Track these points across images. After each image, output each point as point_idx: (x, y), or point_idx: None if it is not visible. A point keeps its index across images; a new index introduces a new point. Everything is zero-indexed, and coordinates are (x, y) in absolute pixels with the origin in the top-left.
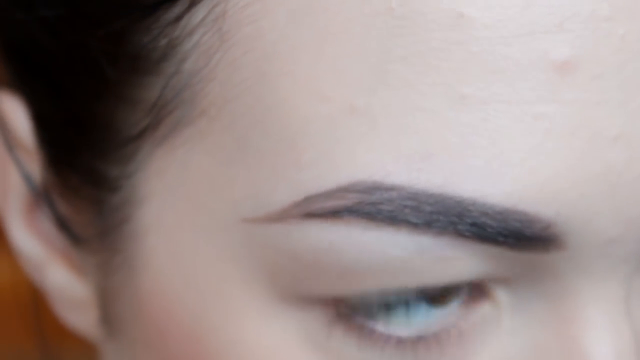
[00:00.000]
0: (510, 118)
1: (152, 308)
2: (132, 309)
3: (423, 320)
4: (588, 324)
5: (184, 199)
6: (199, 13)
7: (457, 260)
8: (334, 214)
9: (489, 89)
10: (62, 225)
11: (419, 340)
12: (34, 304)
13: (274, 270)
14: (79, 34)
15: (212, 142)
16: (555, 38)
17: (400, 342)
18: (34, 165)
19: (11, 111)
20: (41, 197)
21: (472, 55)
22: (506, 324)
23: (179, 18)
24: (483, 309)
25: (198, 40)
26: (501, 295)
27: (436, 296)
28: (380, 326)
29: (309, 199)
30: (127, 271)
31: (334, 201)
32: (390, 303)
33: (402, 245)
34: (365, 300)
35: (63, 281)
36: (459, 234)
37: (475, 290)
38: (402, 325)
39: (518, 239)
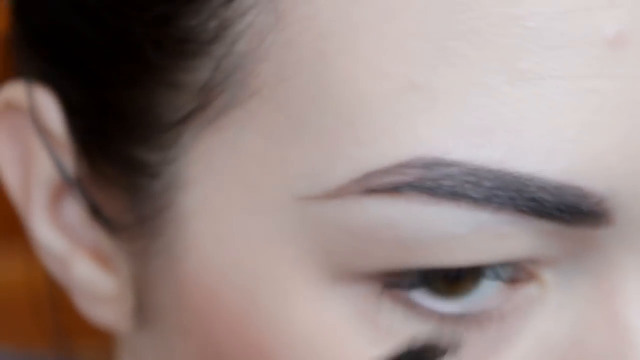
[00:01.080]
0: (565, 93)
1: (194, 293)
2: (171, 296)
3: (471, 299)
4: (631, 297)
5: (233, 181)
6: None
7: (512, 239)
8: (395, 189)
9: (544, 65)
10: (97, 214)
11: (460, 320)
12: (50, 303)
13: (328, 248)
14: (123, 20)
15: (264, 122)
16: (607, 14)
17: (442, 318)
18: (66, 157)
19: (42, 103)
20: (74, 187)
21: (528, 31)
22: (551, 302)
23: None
24: (528, 290)
25: (252, 21)
26: (547, 275)
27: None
28: (425, 301)
29: (369, 176)
30: (167, 257)
31: (395, 177)
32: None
33: (462, 221)
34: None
35: (89, 275)
36: (518, 210)
37: (520, 272)
38: (447, 303)
39: (573, 214)
